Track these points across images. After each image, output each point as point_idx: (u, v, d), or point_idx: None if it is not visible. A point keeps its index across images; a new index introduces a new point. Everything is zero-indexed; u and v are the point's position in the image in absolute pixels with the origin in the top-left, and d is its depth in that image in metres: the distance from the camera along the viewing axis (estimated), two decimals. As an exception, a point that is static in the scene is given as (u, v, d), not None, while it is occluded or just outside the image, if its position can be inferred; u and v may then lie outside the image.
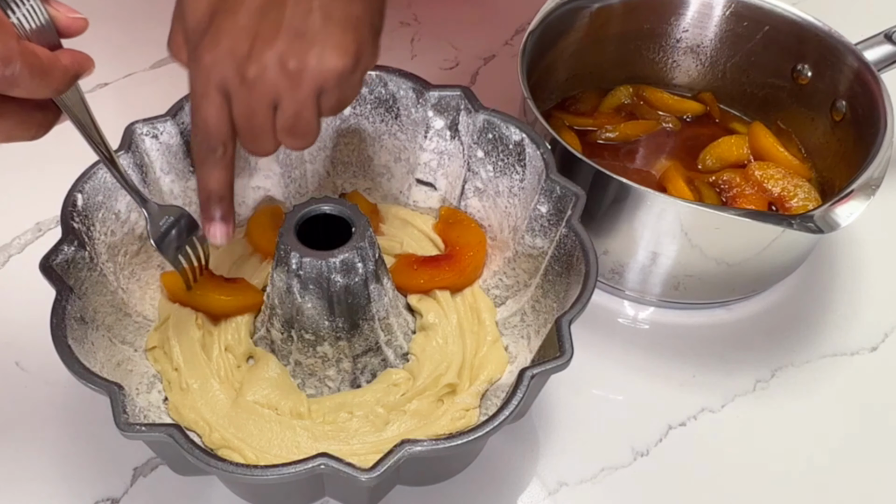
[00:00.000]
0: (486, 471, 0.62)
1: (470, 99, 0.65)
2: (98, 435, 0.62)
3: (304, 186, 0.70)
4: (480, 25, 0.95)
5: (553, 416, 0.65)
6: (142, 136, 0.62)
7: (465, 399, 0.60)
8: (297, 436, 0.58)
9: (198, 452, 0.49)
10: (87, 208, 0.59)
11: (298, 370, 0.61)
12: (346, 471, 0.49)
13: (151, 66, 0.88)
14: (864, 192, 0.64)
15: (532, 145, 0.63)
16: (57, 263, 0.56)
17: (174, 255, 0.58)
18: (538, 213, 0.62)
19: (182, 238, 0.58)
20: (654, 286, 0.70)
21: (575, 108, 0.81)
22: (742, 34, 0.79)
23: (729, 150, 0.77)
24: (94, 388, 0.51)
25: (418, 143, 0.67)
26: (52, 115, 0.50)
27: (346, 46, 0.50)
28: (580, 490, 0.62)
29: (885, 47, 0.74)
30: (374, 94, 0.66)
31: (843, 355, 0.70)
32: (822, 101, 0.76)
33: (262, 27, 0.50)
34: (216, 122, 0.52)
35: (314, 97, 0.51)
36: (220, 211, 0.55)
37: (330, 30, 0.50)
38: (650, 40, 0.81)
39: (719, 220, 0.64)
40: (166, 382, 0.61)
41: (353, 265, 0.56)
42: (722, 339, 0.71)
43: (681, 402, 0.67)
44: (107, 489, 0.60)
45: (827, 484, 0.63)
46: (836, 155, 0.75)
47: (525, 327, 0.63)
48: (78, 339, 0.54)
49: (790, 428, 0.66)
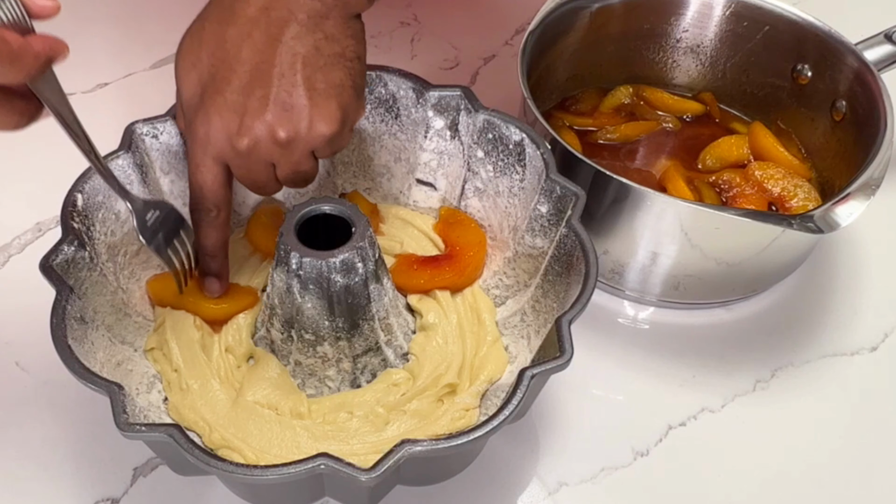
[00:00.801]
0: (486, 471, 0.62)
1: (470, 99, 0.65)
2: (98, 435, 0.62)
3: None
4: (480, 25, 0.95)
5: (553, 416, 0.65)
6: (142, 136, 0.62)
7: (465, 399, 0.60)
8: (297, 436, 0.58)
9: (198, 452, 0.49)
10: (87, 208, 0.59)
11: (298, 370, 0.61)
12: (346, 471, 0.49)
13: (151, 66, 0.88)
14: (864, 192, 0.64)
15: (532, 145, 0.63)
16: (57, 263, 0.56)
17: (166, 253, 0.58)
18: (538, 213, 0.62)
19: (170, 234, 0.58)
20: (654, 286, 0.70)
21: (575, 108, 0.81)
22: (742, 34, 0.79)
23: (729, 150, 0.77)
24: (94, 388, 0.51)
25: (418, 143, 0.67)
26: (34, 105, 0.50)
27: (331, 114, 0.54)
28: (580, 490, 0.62)
29: (885, 47, 0.74)
30: (374, 94, 0.66)
31: (843, 355, 0.70)
32: (822, 101, 0.76)
33: (250, 103, 0.54)
34: (211, 188, 0.56)
35: (308, 156, 0.55)
36: (214, 266, 0.60)
37: (315, 101, 0.53)
38: (650, 40, 0.81)
39: (719, 220, 0.64)
40: (166, 383, 0.61)
41: (353, 265, 0.56)
42: (722, 339, 0.71)
43: (681, 402, 0.67)
44: (107, 489, 0.60)
45: (827, 484, 0.63)
46: (836, 155, 0.75)
47: (525, 327, 0.63)
48: (78, 339, 0.54)
49: (790, 428, 0.66)
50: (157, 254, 0.57)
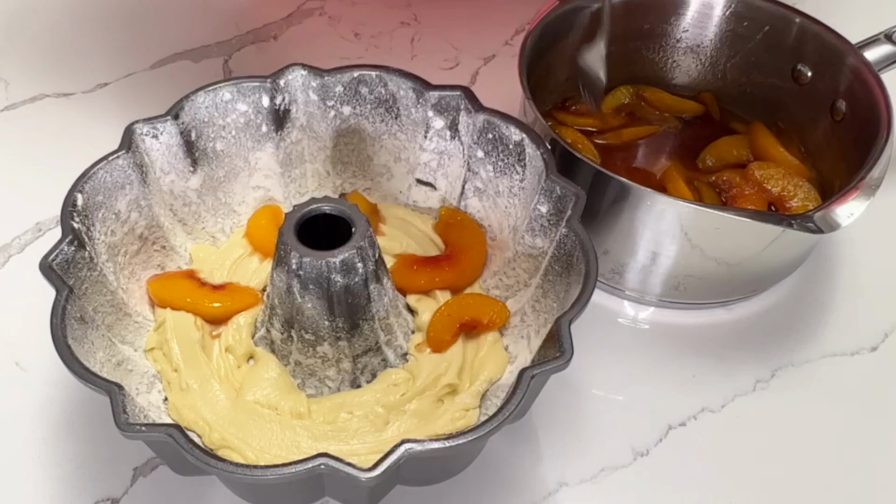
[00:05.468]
0: (486, 471, 0.62)
1: (470, 99, 0.65)
2: (98, 435, 0.62)
3: (304, 186, 0.70)
4: (480, 25, 0.95)
5: (553, 416, 0.65)
6: (142, 136, 0.62)
7: (465, 399, 0.60)
8: (297, 436, 0.58)
9: (198, 452, 0.49)
10: (87, 208, 0.59)
11: (298, 370, 0.61)
12: (346, 471, 0.49)
13: (151, 66, 0.88)
14: (864, 192, 0.64)
15: (532, 145, 0.63)
16: (57, 263, 0.56)
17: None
18: (538, 213, 0.62)
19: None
20: (654, 286, 0.70)
21: (575, 109, 0.81)
22: (742, 34, 0.79)
23: (729, 150, 0.77)
24: (94, 388, 0.51)
25: (418, 143, 0.67)
26: None
27: None
28: (580, 490, 0.62)
29: (885, 47, 0.74)
30: (374, 94, 0.66)
31: (843, 355, 0.70)
32: (822, 101, 0.76)
33: None
34: None
35: None
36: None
37: None
38: (650, 40, 0.81)
39: (719, 220, 0.64)
40: (166, 383, 0.61)
41: (353, 265, 0.56)
42: (722, 339, 0.71)
43: (681, 402, 0.67)
44: (107, 489, 0.60)
45: (827, 484, 0.63)
46: (836, 155, 0.75)
47: (525, 327, 0.63)
48: (78, 339, 0.54)
49: (790, 428, 0.66)
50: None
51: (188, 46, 0.89)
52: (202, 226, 0.68)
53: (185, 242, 0.67)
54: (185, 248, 0.67)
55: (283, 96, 0.66)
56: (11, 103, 0.84)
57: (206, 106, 0.64)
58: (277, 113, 0.66)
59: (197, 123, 0.64)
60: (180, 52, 0.89)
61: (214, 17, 0.93)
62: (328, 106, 0.67)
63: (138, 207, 0.62)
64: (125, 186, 0.61)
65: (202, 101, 0.64)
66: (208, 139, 0.65)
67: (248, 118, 0.66)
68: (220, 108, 0.65)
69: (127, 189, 0.61)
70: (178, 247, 0.66)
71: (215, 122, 0.65)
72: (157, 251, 0.65)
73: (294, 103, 0.66)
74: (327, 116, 0.67)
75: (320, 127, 0.67)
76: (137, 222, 0.63)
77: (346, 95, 0.66)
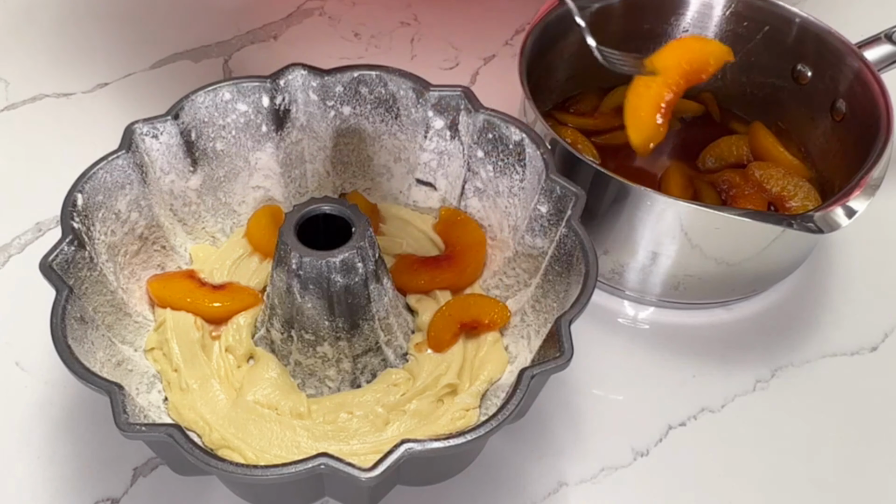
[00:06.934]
0: (486, 471, 0.62)
1: (470, 99, 0.65)
2: (98, 435, 0.62)
3: (304, 186, 0.70)
4: (480, 25, 0.95)
5: (553, 416, 0.65)
6: (142, 136, 0.62)
7: (465, 399, 0.60)
8: (297, 436, 0.58)
9: (198, 452, 0.49)
10: (87, 208, 0.59)
11: (298, 370, 0.61)
12: (346, 471, 0.49)
13: (151, 66, 0.88)
14: (864, 192, 0.64)
15: (532, 145, 0.63)
16: (57, 263, 0.56)
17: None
18: (538, 213, 0.62)
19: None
20: (654, 286, 0.70)
21: (575, 108, 0.81)
22: (742, 34, 0.79)
23: (729, 150, 0.77)
24: (94, 388, 0.51)
25: (418, 143, 0.67)
26: None
27: None
28: (580, 490, 0.62)
29: (885, 47, 0.74)
30: (374, 94, 0.66)
31: (843, 355, 0.70)
32: (822, 101, 0.76)
33: None
34: None
35: None
36: None
37: None
38: (650, 40, 0.81)
39: (719, 220, 0.64)
40: (166, 382, 0.61)
41: (353, 265, 0.56)
42: (722, 339, 0.71)
43: (681, 402, 0.67)
44: (107, 489, 0.60)
45: (827, 483, 0.63)
46: (836, 155, 0.75)
47: (525, 327, 0.63)
48: (78, 339, 0.54)
49: (790, 428, 0.66)
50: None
51: (188, 46, 0.89)
52: (202, 226, 0.68)
53: (185, 242, 0.67)
54: (185, 248, 0.67)
55: (283, 96, 0.66)
56: (11, 103, 0.84)
57: (206, 106, 0.64)
58: (277, 113, 0.66)
59: (197, 123, 0.64)
60: (180, 52, 0.89)
61: (214, 17, 0.93)
62: (328, 106, 0.67)
63: (138, 207, 0.62)
64: (125, 186, 0.61)
65: (202, 101, 0.64)
66: (208, 139, 0.65)
67: (248, 118, 0.66)
68: (220, 108, 0.65)
69: (127, 189, 0.61)
70: (178, 247, 0.66)
71: (215, 122, 0.65)
72: (157, 251, 0.65)
73: (294, 103, 0.66)
74: (327, 116, 0.67)
75: (320, 127, 0.67)
76: (137, 222, 0.63)
77: (346, 95, 0.66)
